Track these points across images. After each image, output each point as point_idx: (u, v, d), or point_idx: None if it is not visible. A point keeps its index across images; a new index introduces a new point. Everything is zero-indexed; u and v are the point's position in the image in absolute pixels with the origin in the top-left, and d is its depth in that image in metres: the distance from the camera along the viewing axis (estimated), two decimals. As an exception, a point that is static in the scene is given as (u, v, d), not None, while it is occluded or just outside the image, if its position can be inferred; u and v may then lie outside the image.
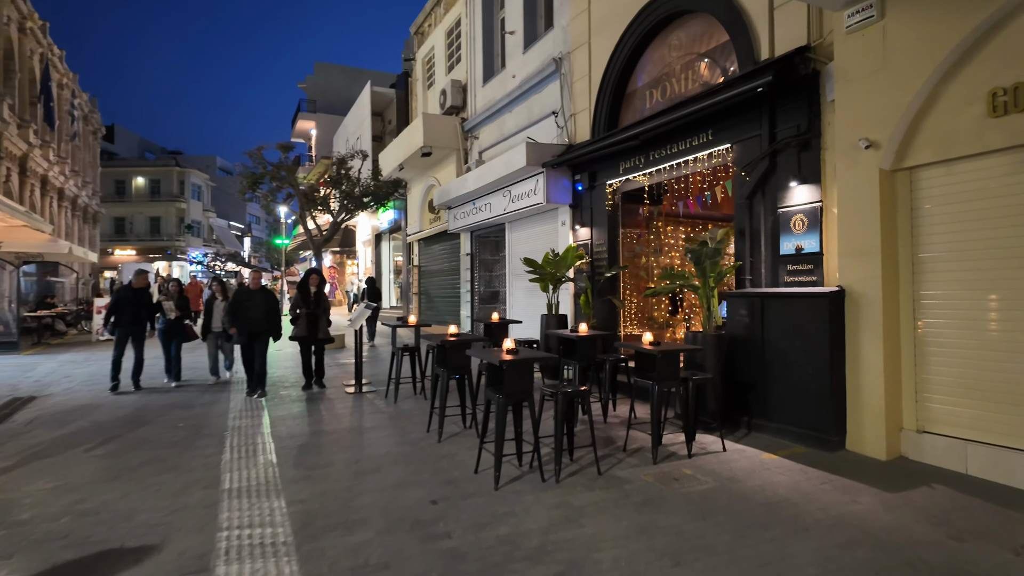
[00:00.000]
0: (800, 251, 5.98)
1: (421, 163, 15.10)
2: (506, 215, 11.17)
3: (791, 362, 5.64)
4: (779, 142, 6.19)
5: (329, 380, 9.09)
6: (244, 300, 7.79)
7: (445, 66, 15.62)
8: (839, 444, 5.37)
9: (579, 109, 9.67)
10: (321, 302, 8.36)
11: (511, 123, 12.00)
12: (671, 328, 10.25)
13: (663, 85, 8.28)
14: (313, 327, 8.20)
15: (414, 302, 17.57)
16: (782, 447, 5.49)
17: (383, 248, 21.51)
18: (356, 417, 6.73)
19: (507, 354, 4.57)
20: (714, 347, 6.03)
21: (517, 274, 11.69)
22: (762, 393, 5.93)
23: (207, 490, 4.45)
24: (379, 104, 20.84)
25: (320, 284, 8.39)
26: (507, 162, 10.18)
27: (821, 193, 5.81)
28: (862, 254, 5.25)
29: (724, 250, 5.97)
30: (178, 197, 53.08)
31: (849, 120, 5.38)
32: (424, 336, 6.38)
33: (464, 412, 6.13)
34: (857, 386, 5.29)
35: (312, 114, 35.39)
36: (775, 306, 5.81)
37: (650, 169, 8.08)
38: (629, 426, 5.46)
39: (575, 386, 4.80)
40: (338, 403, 7.49)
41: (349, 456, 5.24)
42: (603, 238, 9.11)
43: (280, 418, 6.68)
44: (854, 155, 5.32)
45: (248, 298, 7.80)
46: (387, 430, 6.14)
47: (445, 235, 15.11)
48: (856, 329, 5.30)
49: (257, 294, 7.87)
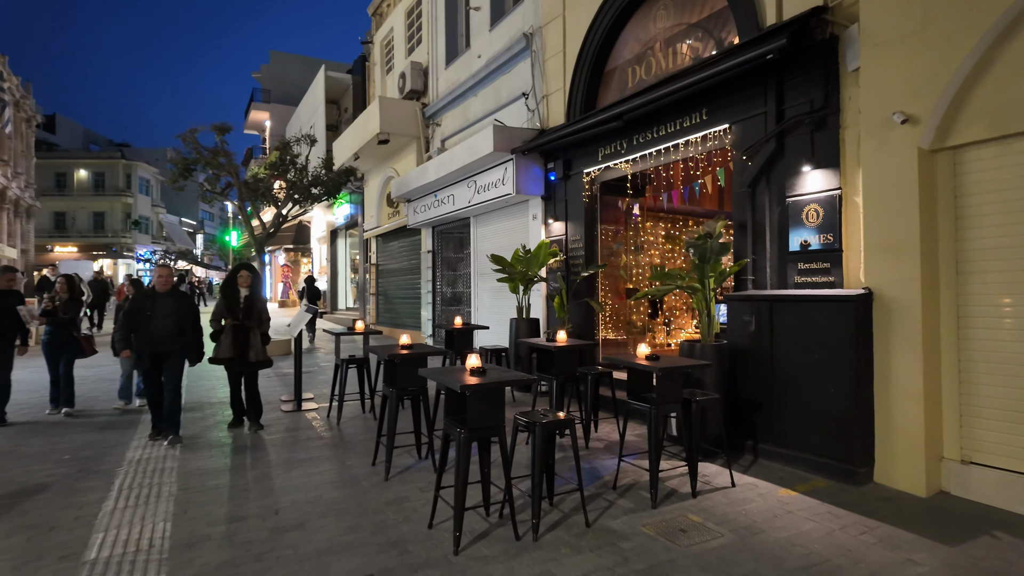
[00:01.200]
0: (810, 247, 5.12)
1: (378, 152, 13.91)
2: (471, 208, 10.12)
3: (807, 378, 4.77)
4: (788, 121, 5.32)
5: (264, 394, 7.86)
6: (145, 308, 5.47)
7: (405, 48, 14.46)
8: (866, 477, 4.51)
9: (552, 90, 8.70)
10: (254, 310, 5.99)
11: (477, 107, 10.95)
12: (651, 334, 9.38)
13: (648, 61, 7.37)
14: (242, 345, 5.89)
15: (371, 303, 16.33)
16: (799, 480, 4.60)
17: (339, 245, 20.17)
18: (287, 446, 5.58)
19: (472, 375, 3.54)
20: (714, 360, 5.11)
21: (483, 273, 10.66)
22: (771, 414, 5.04)
23: (63, 563, 3.28)
24: (334, 91, 19.49)
25: (254, 284, 6.07)
26: (472, 148, 9.13)
27: (840, 179, 4.96)
28: (895, 251, 4.40)
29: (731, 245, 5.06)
30: (124, 191, 50.25)
31: (879, 91, 4.52)
32: (373, 349, 5.25)
33: (419, 440, 5.06)
34: (888, 407, 4.44)
35: (266, 104, 33.59)
36: (788, 312, 4.93)
37: (634, 155, 7.14)
38: (620, 457, 4.48)
39: (555, 413, 3.80)
40: (269, 426, 6.31)
41: (268, 504, 4.12)
42: (579, 233, 8.15)
43: (192, 447, 5.49)
44: (885, 133, 4.46)
45: (151, 305, 5.48)
46: (323, 463, 5.02)
47: (405, 231, 13.96)
48: (887, 339, 4.45)
49: (165, 299, 5.56)
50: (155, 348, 5.48)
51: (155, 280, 5.70)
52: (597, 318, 8.12)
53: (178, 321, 5.56)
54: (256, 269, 6.18)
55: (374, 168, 15.52)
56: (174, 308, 5.58)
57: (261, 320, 6.07)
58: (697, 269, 5.21)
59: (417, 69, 13.10)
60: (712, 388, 5.05)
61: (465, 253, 11.68)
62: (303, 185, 11.47)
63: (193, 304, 5.82)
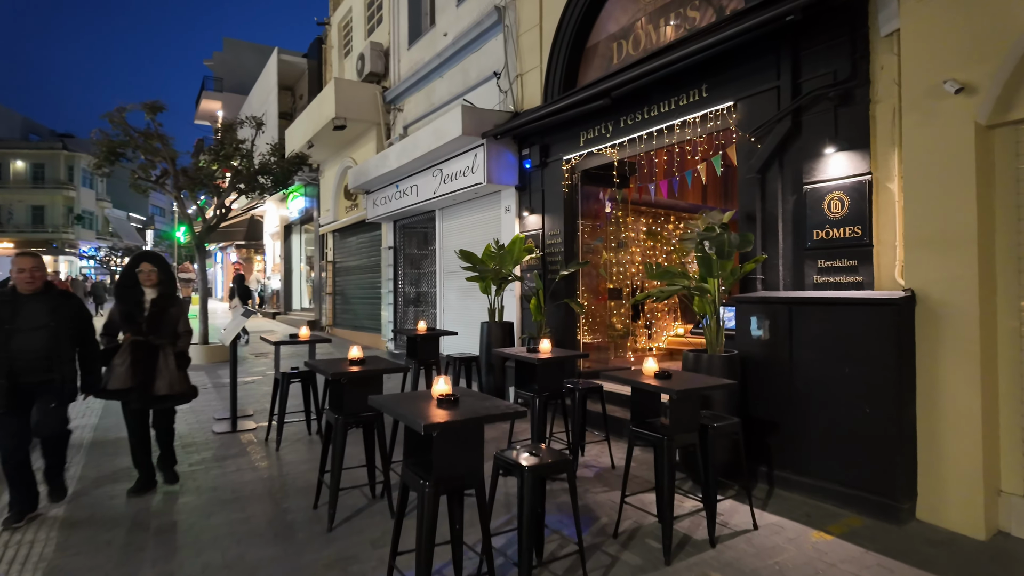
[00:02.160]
0: (832, 242, 4.41)
1: (335, 140, 12.83)
2: (437, 199, 9.18)
3: (835, 395, 4.04)
4: (806, 95, 4.60)
5: (197, 408, 6.80)
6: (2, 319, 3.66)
7: (364, 29, 13.40)
8: (908, 513, 3.80)
9: (527, 68, 7.85)
10: (166, 319, 4.24)
11: (443, 90, 10.01)
12: (632, 337, 8.63)
13: (636, 35, 6.59)
14: (146, 371, 4.11)
15: (328, 304, 15.20)
16: (829, 517, 3.86)
17: (293, 241, 18.91)
18: (211, 481, 4.58)
19: (440, 407, 2.66)
20: (725, 374, 4.35)
21: (450, 272, 9.74)
22: (790, 436, 4.30)
23: None
24: (288, 76, 18.22)
25: (164, 283, 4.34)
26: (438, 132, 8.20)
27: (870, 162, 4.25)
28: (944, 244, 3.70)
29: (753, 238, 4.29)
30: (66, 184, 47.52)
31: (924, 56, 3.82)
32: (314, 365, 4.23)
33: (372, 477, 4.14)
34: (934, 430, 3.74)
35: (219, 93, 31.88)
36: (811, 317, 4.19)
37: (621, 139, 6.35)
38: (623, 498, 3.65)
39: (542, 448, 2.96)
40: (194, 452, 5.28)
41: (169, 572, 3.15)
42: (558, 227, 7.32)
43: (74, 522, 4.42)
44: (933, 105, 3.76)
45: (10, 315, 3.67)
46: (254, 504, 4.05)
47: (364, 225, 12.91)
48: (933, 350, 3.75)
49: (34, 305, 3.73)
50: (17, 379, 3.61)
51: (15, 276, 3.75)
52: (578, 321, 7.31)
53: (53, 337, 3.73)
54: (165, 261, 4.47)
55: (330, 158, 14.40)
56: (45, 317, 3.72)
57: (177, 334, 4.32)
58: (703, 266, 4.42)
59: (377, 50, 12.08)
60: (722, 406, 4.28)
61: (430, 249, 10.74)
62: (248, 174, 10.31)
63: (80, 310, 4.00)
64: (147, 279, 4.30)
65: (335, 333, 14.86)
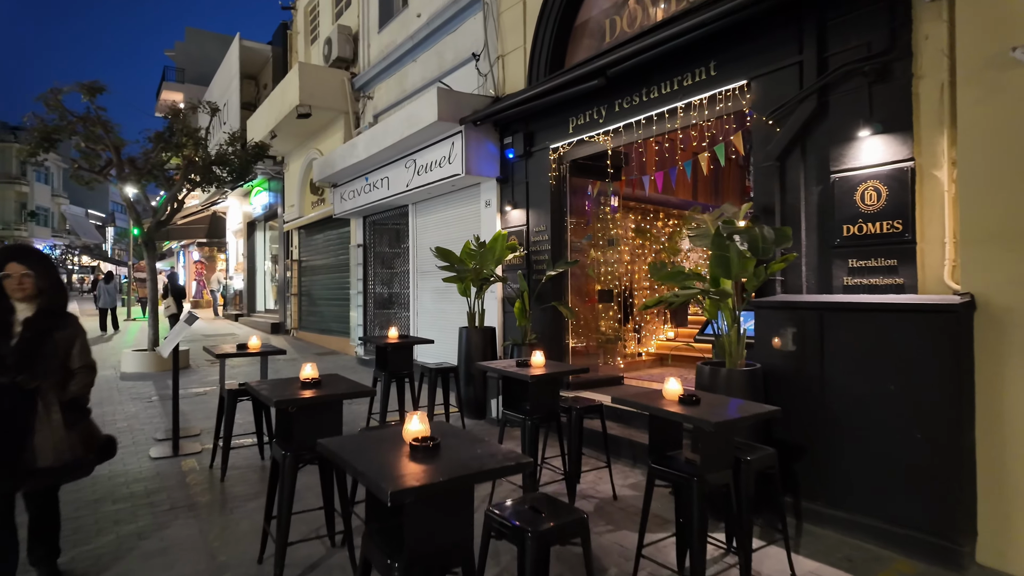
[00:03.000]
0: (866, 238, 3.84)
1: (300, 130, 11.97)
2: (410, 193, 8.44)
3: (877, 417, 3.46)
4: (834, 71, 4.02)
5: (136, 427, 5.97)
6: None
7: (332, 12, 12.56)
8: (969, 558, 3.24)
9: (509, 49, 7.17)
10: (45, 351, 2.76)
11: (416, 75, 9.27)
12: (621, 342, 8.02)
13: (631, 10, 5.96)
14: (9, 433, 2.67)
15: (293, 305, 14.29)
16: (875, 562, 3.28)
17: (257, 239, 17.88)
18: (136, 524, 3.80)
19: (414, 459, 1.97)
20: (745, 390, 3.75)
21: (425, 271, 9.01)
22: (821, 464, 3.72)
23: None
24: (252, 64, 17.20)
25: (46, 295, 2.86)
26: (411, 118, 7.46)
27: (912, 147, 3.68)
28: (1012, 241, 3.14)
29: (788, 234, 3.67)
30: (18, 179, 45.42)
31: (984, 20, 3.26)
32: (254, 390, 3.34)
33: (331, 523, 3.41)
34: (999, 461, 3.18)
35: (180, 84, 30.48)
36: (846, 325, 3.61)
37: (616, 124, 5.72)
38: (639, 551, 3.00)
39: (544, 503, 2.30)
40: (123, 486, 4.48)
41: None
42: (544, 223, 6.66)
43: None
44: (996, 77, 3.20)
45: None
46: (184, 557, 3.29)
47: (331, 222, 12.07)
48: (997, 364, 3.19)
49: None
50: None
51: None
52: (566, 326, 6.66)
53: None
54: (47, 260, 3.00)
55: (295, 149, 13.51)
56: None
57: (67, 373, 2.87)
58: (720, 266, 3.79)
59: (345, 34, 11.26)
60: (743, 430, 3.67)
61: (403, 247, 9.98)
62: (203, 164, 9.40)
63: None
64: (17, 287, 2.78)
65: (301, 337, 13.97)
